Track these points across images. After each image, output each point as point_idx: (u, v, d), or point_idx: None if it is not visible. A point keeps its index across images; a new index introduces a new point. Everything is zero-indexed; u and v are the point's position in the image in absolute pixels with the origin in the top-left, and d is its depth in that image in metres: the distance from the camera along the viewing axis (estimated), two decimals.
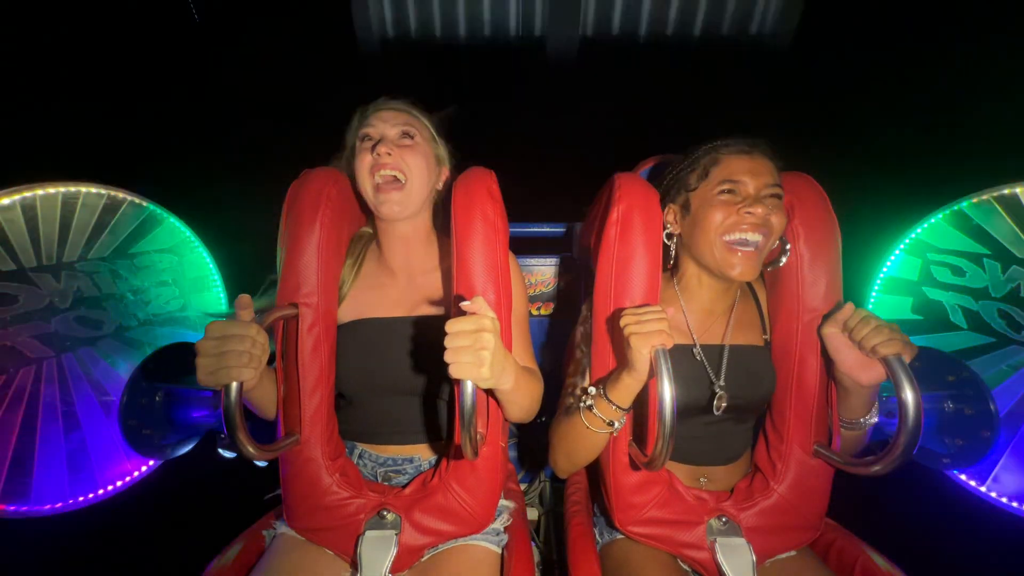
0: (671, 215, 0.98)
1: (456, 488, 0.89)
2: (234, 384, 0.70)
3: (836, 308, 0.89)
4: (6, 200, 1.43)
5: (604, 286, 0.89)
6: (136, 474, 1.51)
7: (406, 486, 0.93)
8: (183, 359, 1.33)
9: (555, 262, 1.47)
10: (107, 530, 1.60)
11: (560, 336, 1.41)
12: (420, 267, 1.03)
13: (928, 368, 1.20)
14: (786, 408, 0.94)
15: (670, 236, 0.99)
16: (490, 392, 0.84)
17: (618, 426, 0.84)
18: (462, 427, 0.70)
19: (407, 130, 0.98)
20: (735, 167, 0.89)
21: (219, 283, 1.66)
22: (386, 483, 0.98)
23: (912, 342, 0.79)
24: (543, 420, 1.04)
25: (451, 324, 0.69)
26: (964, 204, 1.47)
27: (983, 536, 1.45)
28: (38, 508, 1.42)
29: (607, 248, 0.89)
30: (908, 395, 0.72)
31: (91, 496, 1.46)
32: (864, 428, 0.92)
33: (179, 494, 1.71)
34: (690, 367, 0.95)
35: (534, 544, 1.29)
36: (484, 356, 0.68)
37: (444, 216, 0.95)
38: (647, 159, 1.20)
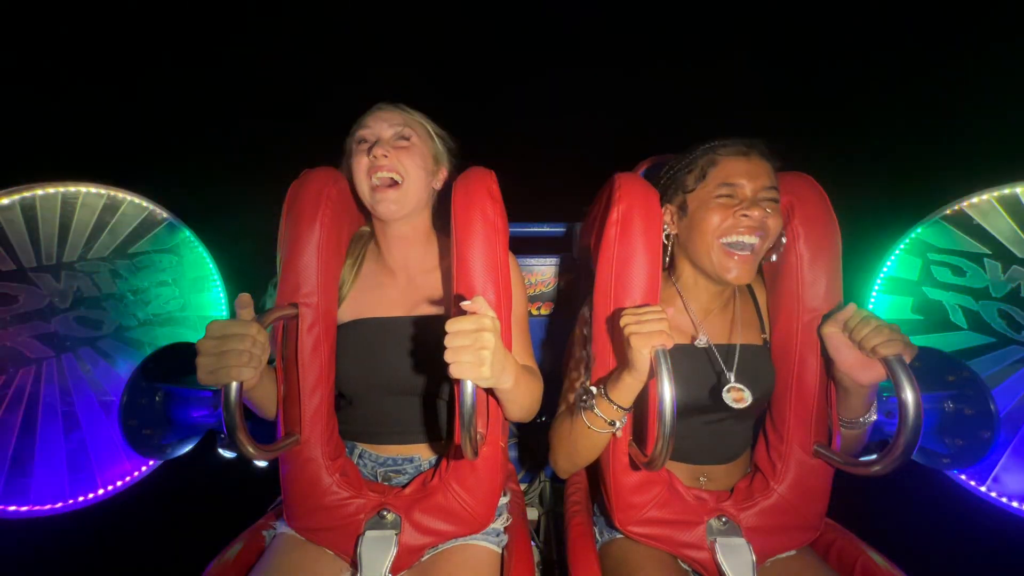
0: (668, 216, 0.98)
1: (456, 488, 0.89)
2: (234, 384, 0.70)
3: (837, 308, 0.89)
4: (6, 200, 1.44)
5: (604, 286, 0.89)
6: (136, 474, 1.51)
7: (406, 486, 0.93)
8: (183, 359, 1.33)
9: (555, 262, 1.47)
10: (107, 530, 1.60)
11: (560, 336, 1.41)
12: (419, 267, 1.03)
13: (928, 368, 1.20)
14: (786, 408, 0.94)
15: (667, 236, 0.99)
16: (490, 391, 0.84)
17: (619, 426, 0.84)
18: (462, 427, 0.70)
19: (403, 131, 0.97)
20: (732, 169, 0.89)
21: (219, 283, 1.66)
22: (386, 483, 0.98)
23: (912, 342, 0.79)
24: (543, 420, 1.04)
25: (451, 324, 0.69)
26: (964, 204, 1.47)
27: (983, 536, 1.45)
28: (38, 508, 1.42)
29: (607, 248, 0.89)
30: (908, 395, 0.72)
31: (91, 496, 1.46)
32: (863, 427, 0.92)
33: (179, 494, 1.71)
34: (691, 365, 0.95)
35: (534, 544, 1.30)
36: (484, 356, 0.68)
37: (444, 215, 0.95)
38: (647, 159, 1.20)
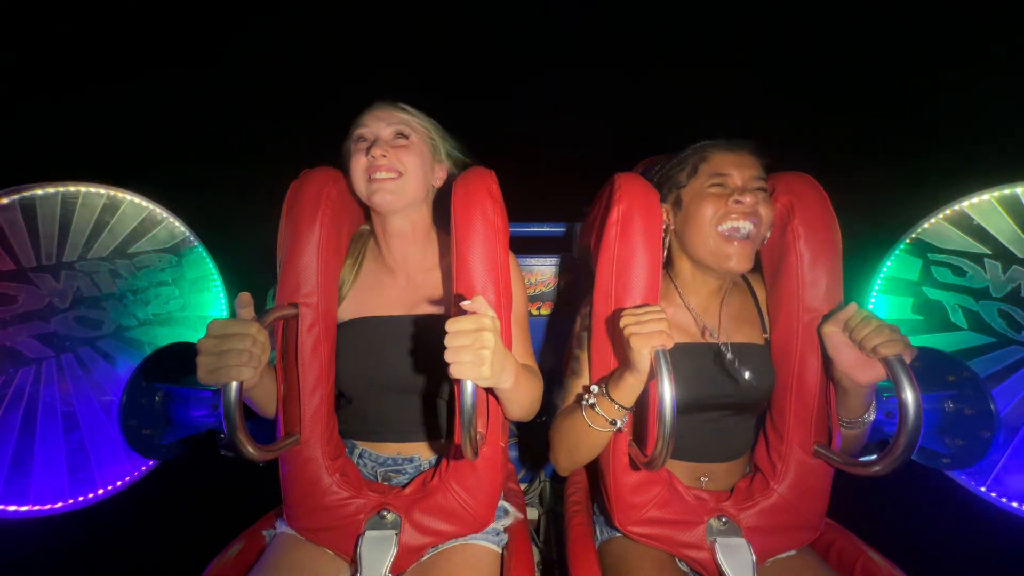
0: (664, 213, 0.99)
1: (456, 488, 0.89)
2: (234, 383, 0.70)
3: (837, 308, 0.89)
4: (6, 200, 1.43)
5: (604, 286, 0.89)
6: (136, 474, 1.51)
7: (406, 486, 0.93)
8: (183, 359, 1.33)
9: (555, 262, 1.47)
10: (107, 530, 1.60)
11: (560, 336, 1.41)
12: (419, 265, 1.03)
13: (928, 368, 1.20)
14: (786, 408, 0.94)
15: (665, 230, 1.00)
16: (490, 391, 0.84)
17: (620, 424, 0.85)
18: (462, 427, 0.70)
19: (401, 129, 0.97)
20: (721, 161, 0.93)
21: (219, 283, 1.66)
22: (386, 483, 0.98)
23: (912, 344, 0.79)
24: (543, 420, 1.04)
25: (451, 323, 0.68)
26: (965, 204, 1.47)
27: (983, 536, 1.45)
28: (38, 508, 1.42)
29: (607, 248, 0.89)
30: (908, 395, 0.72)
31: (91, 496, 1.46)
32: (863, 427, 0.92)
33: (179, 494, 1.71)
34: (691, 363, 0.95)
35: (534, 544, 1.30)
36: (484, 355, 0.68)
37: (444, 214, 0.95)
38: (647, 159, 1.20)
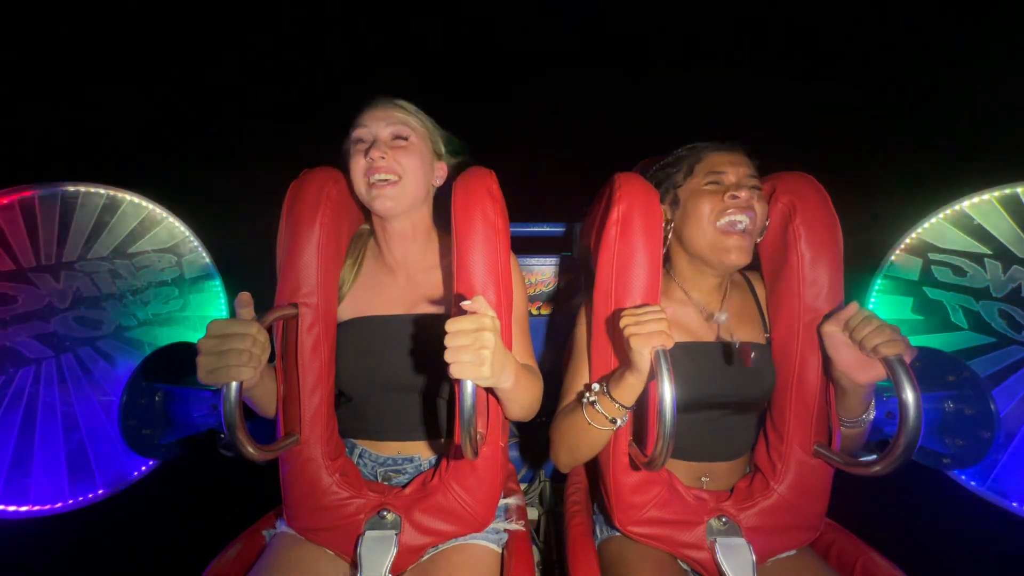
0: (663, 212, 0.99)
1: (456, 488, 0.89)
2: (234, 383, 0.70)
3: (838, 308, 0.89)
4: (6, 200, 1.43)
5: (604, 286, 0.89)
6: (136, 474, 1.50)
7: (406, 486, 0.93)
8: (183, 359, 1.33)
9: (555, 262, 1.46)
10: (107, 530, 1.60)
11: (560, 336, 1.41)
12: (419, 265, 1.03)
13: (928, 368, 1.20)
14: (786, 408, 0.94)
15: (664, 229, 1.00)
16: (490, 391, 0.84)
17: (620, 423, 0.85)
18: (462, 427, 0.70)
19: (400, 130, 0.96)
20: (716, 160, 0.96)
21: (219, 283, 1.66)
22: (386, 483, 0.98)
23: (912, 345, 0.79)
24: (543, 420, 1.04)
25: (451, 323, 0.68)
26: (965, 204, 1.46)
27: (983, 536, 1.45)
28: (38, 508, 1.42)
29: (607, 248, 0.89)
30: (908, 395, 0.72)
31: (91, 496, 1.46)
32: (863, 426, 0.92)
33: (179, 494, 1.71)
34: (692, 362, 0.95)
35: (534, 544, 1.30)
36: (484, 355, 0.68)
37: (444, 213, 0.94)
38: (647, 159, 1.19)
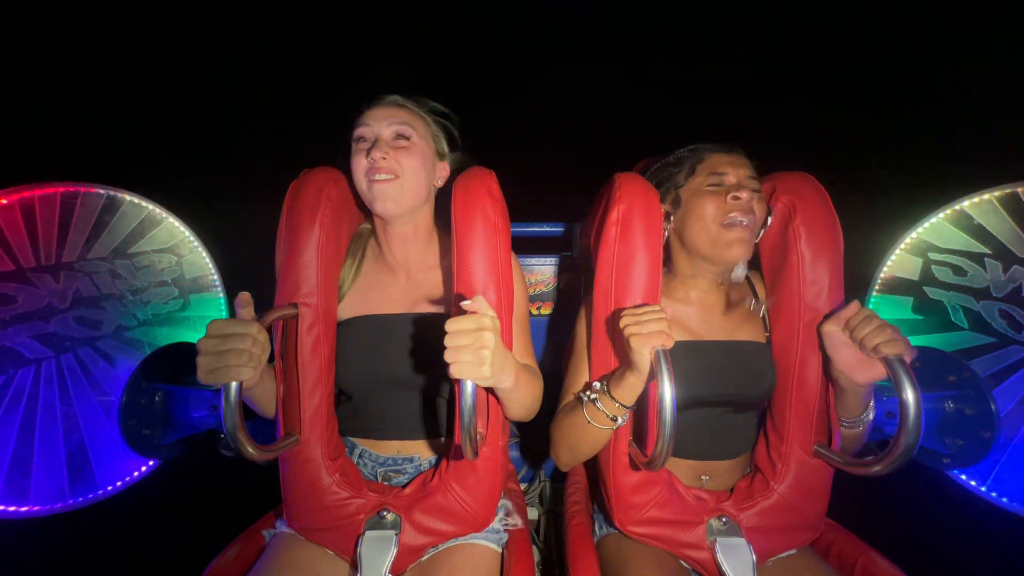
0: (663, 212, 0.99)
1: (456, 488, 0.89)
2: (234, 383, 0.70)
3: (839, 307, 0.89)
4: (5, 200, 1.43)
5: (604, 286, 0.89)
6: (136, 474, 1.50)
7: (406, 486, 0.93)
8: (183, 359, 1.33)
9: (555, 262, 1.46)
10: (107, 530, 1.60)
11: (560, 336, 1.41)
12: (420, 264, 1.03)
13: (929, 368, 1.20)
14: (786, 408, 0.94)
15: (667, 217, 1.01)
16: (491, 391, 0.84)
17: (621, 422, 0.85)
18: (462, 427, 0.70)
19: (402, 130, 0.96)
20: (717, 161, 0.97)
21: (219, 283, 1.65)
22: (386, 483, 0.98)
23: (912, 345, 0.79)
24: (543, 420, 1.04)
25: (451, 323, 0.68)
26: (965, 203, 1.46)
27: (983, 536, 1.45)
28: (38, 508, 1.42)
29: (607, 248, 0.89)
30: (909, 395, 0.72)
31: (91, 496, 1.46)
32: (863, 426, 0.92)
33: (179, 494, 1.71)
34: (692, 361, 0.95)
35: (534, 544, 1.30)
36: (484, 355, 0.68)
37: (445, 213, 0.94)
38: (646, 159, 1.19)
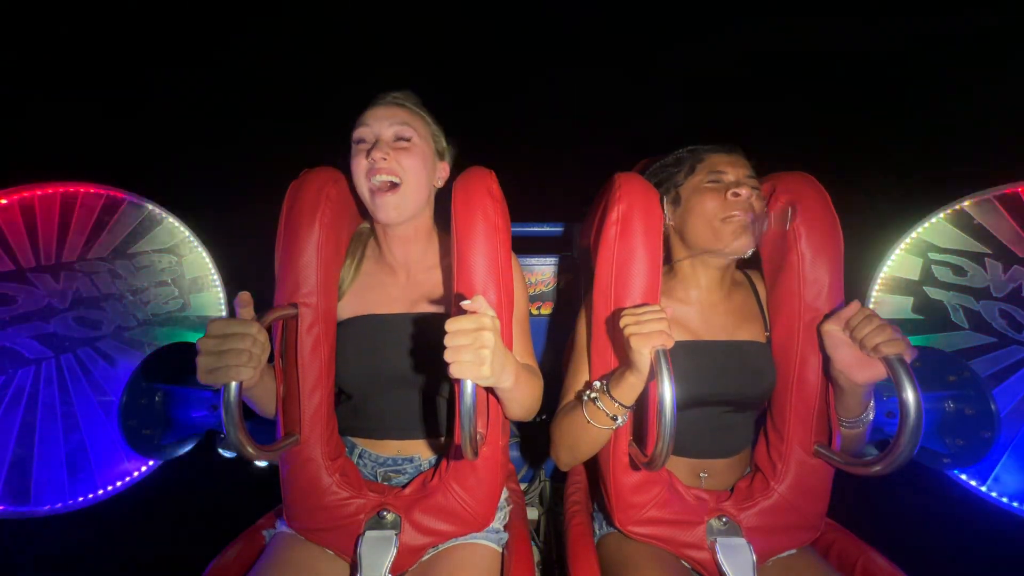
0: (663, 211, 1.00)
1: (456, 488, 0.89)
2: (233, 383, 0.70)
3: (839, 307, 0.89)
4: (5, 200, 1.43)
5: (604, 286, 0.89)
6: (136, 474, 1.50)
7: (406, 486, 0.93)
8: (183, 359, 1.33)
9: (555, 262, 1.46)
10: (107, 530, 1.60)
11: (560, 336, 1.41)
12: (420, 264, 1.02)
13: (929, 368, 1.20)
14: (786, 407, 0.94)
15: (667, 216, 1.02)
16: (491, 390, 0.84)
17: (620, 421, 0.85)
18: (462, 427, 0.70)
19: (403, 131, 0.95)
20: (717, 160, 0.98)
21: (219, 283, 1.65)
22: (386, 483, 0.98)
23: (912, 345, 0.79)
24: (543, 419, 1.04)
25: (451, 323, 0.68)
26: (965, 203, 1.46)
27: (983, 536, 1.45)
28: (38, 508, 1.42)
29: (607, 248, 0.89)
30: (909, 395, 0.72)
31: (91, 496, 1.46)
32: (863, 426, 0.92)
33: (179, 494, 1.71)
34: (692, 360, 0.95)
35: (534, 544, 1.30)
36: (484, 355, 0.68)
37: (445, 213, 0.94)
38: (646, 159, 1.19)
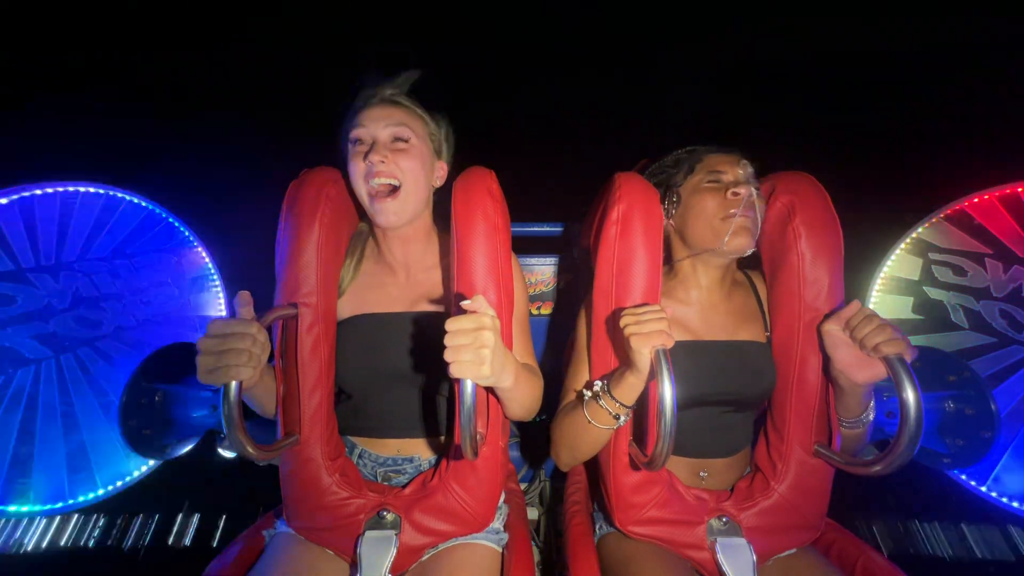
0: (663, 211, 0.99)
1: (456, 488, 0.89)
2: (233, 383, 0.70)
3: (839, 307, 0.89)
4: (5, 200, 1.44)
5: (604, 286, 0.89)
6: (136, 474, 1.51)
7: (406, 486, 0.93)
8: (183, 359, 1.33)
9: (555, 262, 1.46)
10: (107, 530, 1.60)
11: (560, 336, 1.41)
12: (420, 264, 1.02)
13: (929, 368, 1.20)
14: (786, 407, 0.94)
15: (667, 215, 1.02)
16: (491, 390, 0.84)
17: (621, 421, 0.85)
18: (462, 427, 0.70)
19: (400, 132, 0.94)
20: (716, 160, 0.98)
21: (219, 283, 1.66)
22: (386, 483, 0.98)
23: (912, 345, 0.79)
24: (543, 419, 1.04)
25: (451, 323, 0.68)
26: (965, 203, 1.47)
27: (983, 536, 1.45)
28: (38, 508, 1.42)
29: (607, 247, 0.89)
30: (909, 395, 0.72)
31: (91, 496, 1.46)
32: (863, 426, 0.92)
33: (179, 494, 1.71)
34: (692, 360, 0.95)
35: (534, 544, 1.30)
36: (484, 355, 0.68)
37: (444, 212, 0.93)
38: (647, 159, 1.19)
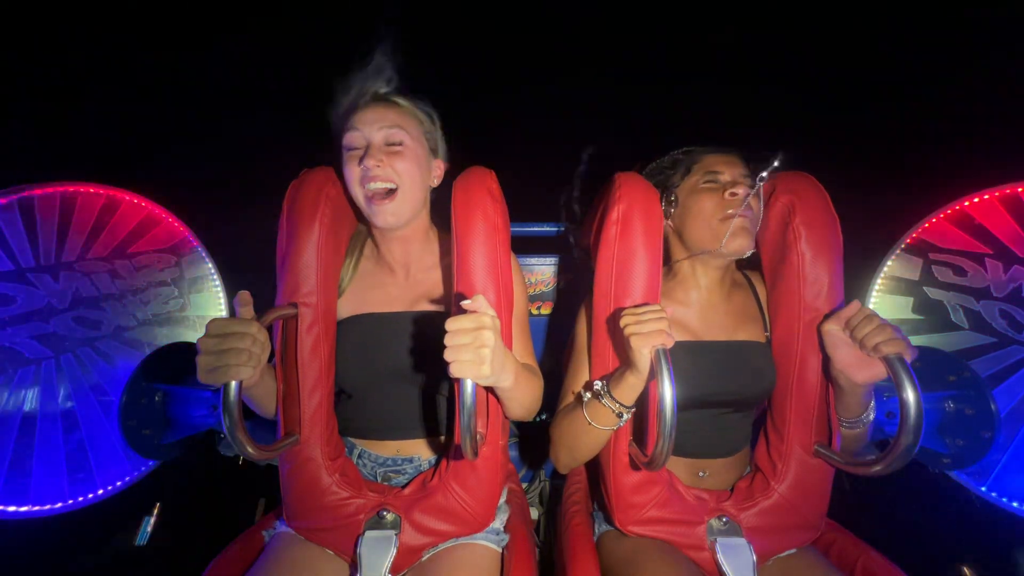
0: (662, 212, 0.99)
1: (456, 488, 0.89)
2: (233, 383, 0.70)
3: (839, 307, 0.89)
4: (5, 200, 1.44)
5: (604, 286, 0.89)
6: (136, 474, 1.51)
7: (406, 486, 0.93)
8: (183, 359, 1.34)
9: (555, 262, 1.46)
10: (107, 530, 1.60)
11: (560, 336, 1.41)
12: (419, 263, 1.02)
13: (929, 368, 1.20)
14: (786, 407, 0.94)
15: (665, 215, 1.02)
16: (491, 390, 0.84)
17: (626, 418, 0.85)
18: (462, 426, 0.70)
19: (394, 135, 0.93)
20: (713, 161, 0.99)
21: (219, 283, 1.66)
22: (386, 483, 0.98)
23: (912, 345, 0.79)
24: (543, 419, 1.04)
25: (451, 322, 0.68)
26: (965, 203, 1.47)
27: (983, 536, 1.45)
28: (38, 508, 1.42)
29: (607, 247, 0.89)
30: (909, 395, 0.72)
31: (91, 496, 1.46)
32: (863, 426, 0.92)
33: (179, 494, 1.71)
34: (692, 361, 0.95)
35: (534, 544, 1.29)
36: (484, 354, 0.68)
37: (443, 212, 0.93)
38: (646, 159, 1.19)
